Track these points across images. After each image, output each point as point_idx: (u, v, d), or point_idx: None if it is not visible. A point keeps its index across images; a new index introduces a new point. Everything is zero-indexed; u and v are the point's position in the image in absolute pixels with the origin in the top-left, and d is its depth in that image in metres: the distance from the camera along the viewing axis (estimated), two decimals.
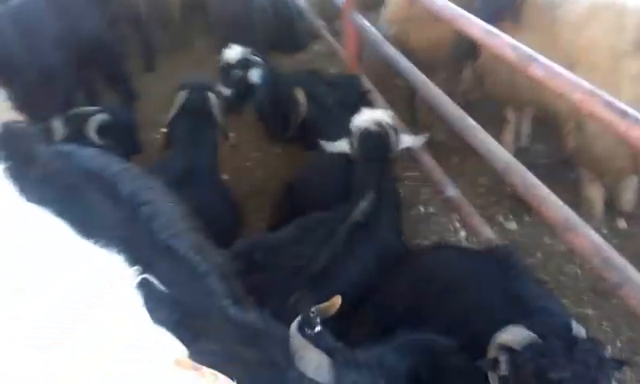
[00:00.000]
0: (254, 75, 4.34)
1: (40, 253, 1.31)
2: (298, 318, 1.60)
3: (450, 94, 3.57)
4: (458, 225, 3.72)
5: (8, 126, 1.94)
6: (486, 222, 3.27)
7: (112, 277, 1.24)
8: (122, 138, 3.79)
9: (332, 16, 6.39)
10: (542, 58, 2.43)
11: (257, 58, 4.41)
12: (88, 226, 1.34)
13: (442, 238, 3.61)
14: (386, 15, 4.33)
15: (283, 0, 6.16)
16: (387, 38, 4.19)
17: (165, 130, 3.84)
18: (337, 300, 1.73)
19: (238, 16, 5.23)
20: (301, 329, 1.58)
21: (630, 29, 2.86)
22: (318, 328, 1.60)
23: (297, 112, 4.15)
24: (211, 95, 3.68)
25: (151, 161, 3.94)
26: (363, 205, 2.89)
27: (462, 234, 3.65)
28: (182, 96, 3.65)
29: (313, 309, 1.62)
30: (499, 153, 2.91)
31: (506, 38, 2.61)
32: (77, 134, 3.63)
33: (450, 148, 4.38)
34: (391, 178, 3.13)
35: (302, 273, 2.62)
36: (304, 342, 1.54)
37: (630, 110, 2.04)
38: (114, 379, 1.12)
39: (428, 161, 3.72)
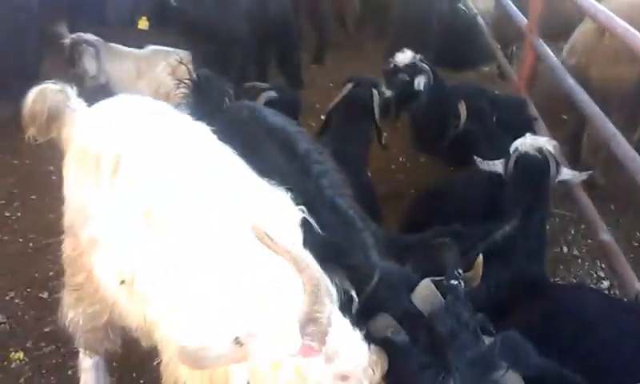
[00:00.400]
0: (420, 82, 4.37)
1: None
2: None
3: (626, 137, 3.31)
4: (602, 274, 3.46)
5: (204, 74, 2.23)
6: (637, 275, 2.99)
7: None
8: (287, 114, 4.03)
9: (508, 41, 6.28)
10: None
11: (426, 65, 4.44)
12: (265, 169, 1.55)
13: (582, 283, 3.39)
14: (570, 43, 4.12)
15: (465, 15, 6.15)
16: (567, 68, 4.00)
17: (323, 117, 4.01)
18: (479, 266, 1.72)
19: (417, 22, 5.28)
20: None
21: None
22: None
23: (456, 124, 4.13)
24: (375, 92, 3.80)
25: None
26: (506, 228, 2.81)
27: (605, 283, 3.40)
28: (346, 88, 3.83)
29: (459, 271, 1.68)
30: None
31: None
32: None
33: (609, 194, 4.09)
34: (542, 210, 2.97)
35: None
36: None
37: None
38: None
39: (584, 199, 3.48)
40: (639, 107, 3.92)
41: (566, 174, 3.08)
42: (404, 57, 4.45)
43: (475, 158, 3.26)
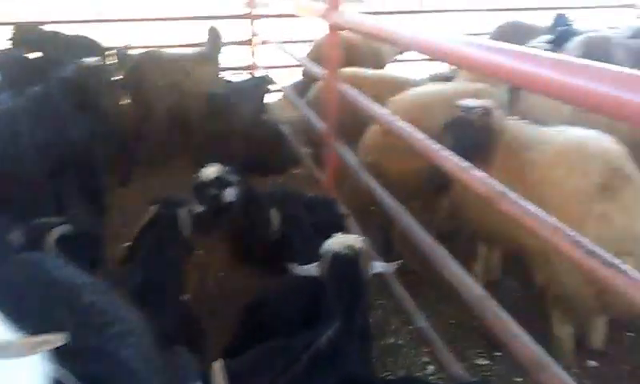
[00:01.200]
0: (230, 194, 4.34)
1: None
2: None
3: (425, 224, 3.58)
4: (426, 358, 3.57)
5: None
6: (456, 356, 3.15)
7: None
8: (84, 251, 3.56)
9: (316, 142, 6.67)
10: (511, 194, 2.46)
11: (233, 176, 4.43)
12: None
13: (410, 372, 3.46)
14: (362, 143, 4.47)
15: (267, 123, 6.43)
16: (364, 165, 4.29)
17: (128, 244, 3.76)
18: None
19: (218, 136, 5.34)
20: None
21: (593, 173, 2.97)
22: None
23: (268, 233, 4.12)
24: (182, 211, 3.66)
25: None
26: (329, 333, 2.77)
27: (430, 368, 3.50)
28: (151, 211, 3.64)
29: None
30: (471, 286, 2.86)
31: (478, 173, 2.66)
32: (36, 244, 3.47)
33: (424, 279, 4.35)
34: (363, 306, 3.00)
35: None
36: None
37: (598, 249, 2.04)
38: None
39: (399, 290, 3.64)
40: (431, 195, 4.33)
41: (377, 266, 3.18)
42: (210, 171, 4.41)
43: (289, 265, 3.24)
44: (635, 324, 3.82)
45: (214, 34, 7.15)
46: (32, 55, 6.58)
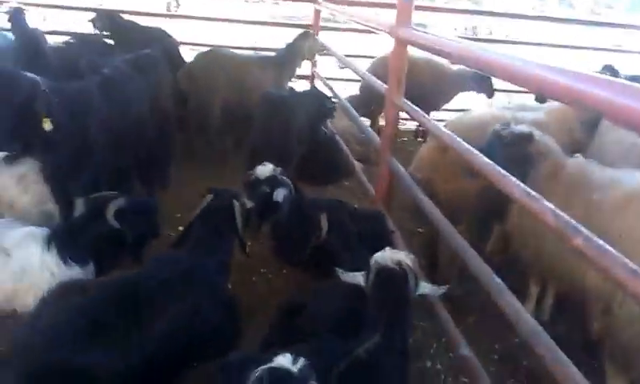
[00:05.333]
0: (280, 194, 4.36)
1: None
2: None
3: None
4: None
5: None
6: None
7: None
8: (140, 223, 3.89)
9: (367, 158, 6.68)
10: (585, 231, 2.31)
11: (285, 178, 4.46)
12: None
13: None
14: (417, 159, 4.40)
15: (324, 134, 6.45)
16: (418, 183, 4.21)
17: (182, 228, 3.84)
18: None
19: (276, 137, 5.38)
20: None
21: None
22: None
23: (316, 236, 4.10)
24: (236, 204, 3.70)
25: None
26: (367, 344, 2.71)
27: None
28: (207, 199, 3.71)
29: None
30: (527, 318, 2.71)
31: (548, 204, 2.53)
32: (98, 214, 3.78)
33: (467, 306, 4.23)
34: (404, 323, 2.94)
35: None
36: None
37: None
38: None
39: (443, 313, 3.53)
40: (484, 220, 4.21)
41: (425, 287, 3.11)
42: (264, 170, 4.45)
43: (337, 269, 3.22)
44: None
45: (301, 38, 7.23)
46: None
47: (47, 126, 3.86)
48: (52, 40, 6.97)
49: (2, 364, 3.01)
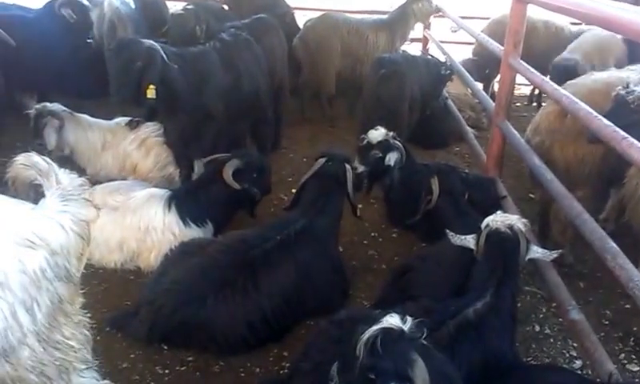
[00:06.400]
0: (392, 158, 4.46)
1: None
2: None
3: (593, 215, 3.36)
4: (574, 353, 3.41)
5: None
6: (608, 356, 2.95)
7: None
8: (255, 181, 4.14)
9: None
10: None
11: (397, 142, 4.54)
12: None
13: (555, 363, 3.32)
14: (534, 124, 4.26)
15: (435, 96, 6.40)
16: (531, 146, 4.11)
17: (295, 190, 4.06)
18: None
19: (388, 102, 5.43)
20: None
21: None
22: None
23: (428, 200, 4.17)
24: (347, 167, 3.85)
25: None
26: (478, 305, 2.79)
27: (578, 362, 3.34)
28: (319, 162, 3.89)
29: None
30: None
31: None
32: (215, 175, 4.06)
33: (578, 272, 4.13)
34: (513, 287, 2.96)
35: None
36: None
37: None
38: None
39: (554, 278, 3.48)
40: (603, 186, 4.02)
41: (536, 252, 3.10)
42: (377, 134, 4.56)
43: (448, 232, 3.29)
44: None
45: (413, 0, 7.12)
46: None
47: (150, 93, 3.98)
48: (171, 6, 7.34)
49: (129, 317, 3.40)
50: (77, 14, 6.14)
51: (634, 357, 3.42)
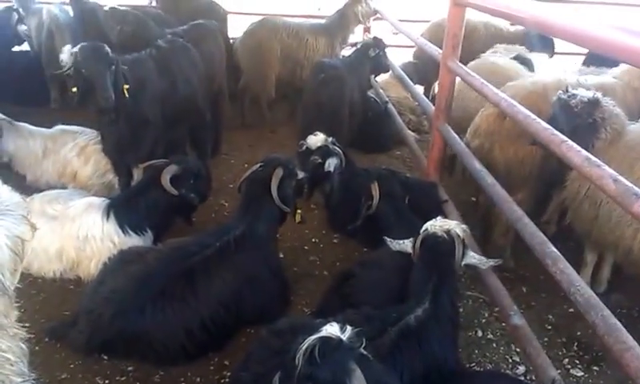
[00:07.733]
0: (331, 164, 4.36)
1: None
2: None
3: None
4: (517, 358, 3.39)
5: None
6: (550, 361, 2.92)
7: None
8: (193, 187, 4.05)
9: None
10: None
11: (337, 148, 4.45)
12: None
13: (498, 369, 3.29)
14: (474, 126, 4.25)
15: (376, 103, 6.37)
16: (471, 149, 4.09)
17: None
18: None
19: (328, 106, 5.35)
20: None
21: None
22: None
23: (368, 205, 4.09)
24: (277, 171, 3.67)
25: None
26: (417, 311, 2.71)
27: (521, 368, 3.31)
28: (254, 167, 3.76)
29: None
30: (582, 288, 2.61)
31: (608, 170, 2.40)
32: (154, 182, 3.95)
33: (520, 276, 4.14)
34: (450, 292, 2.91)
35: None
36: None
37: None
38: None
39: (494, 283, 3.44)
40: (544, 188, 4.05)
41: (472, 257, 3.09)
42: (316, 139, 4.47)
43: (385, 238, 3.23)
44: None
45: (353, 3, 7.06)
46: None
47: (126, 93, 4.03)
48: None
49: (68, 327, 3.26)
50: None
51: (577, 362, 3.42)
